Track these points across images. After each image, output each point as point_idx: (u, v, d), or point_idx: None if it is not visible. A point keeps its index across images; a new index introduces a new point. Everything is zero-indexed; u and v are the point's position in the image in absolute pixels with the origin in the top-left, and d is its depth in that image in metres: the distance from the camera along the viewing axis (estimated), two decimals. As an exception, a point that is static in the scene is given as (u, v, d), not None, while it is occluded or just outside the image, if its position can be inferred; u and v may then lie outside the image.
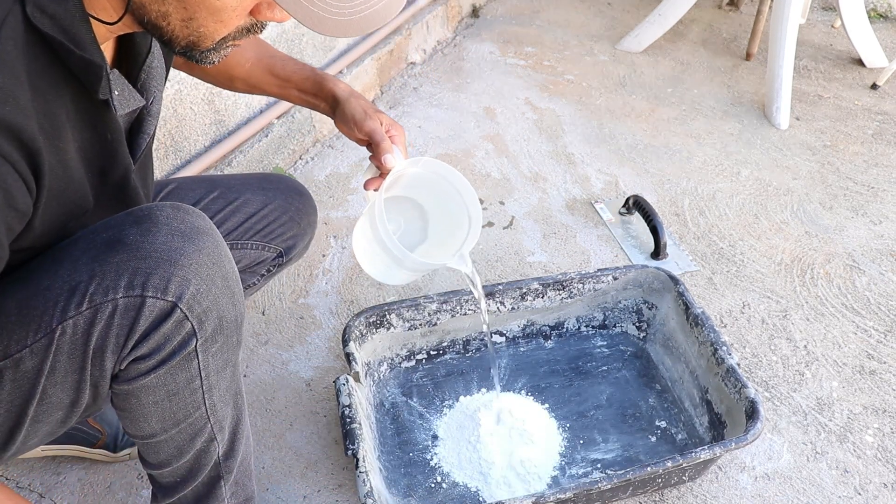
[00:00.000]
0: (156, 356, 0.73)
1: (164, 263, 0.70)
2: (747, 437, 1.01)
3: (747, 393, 1.07)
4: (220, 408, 0.83)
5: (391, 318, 1.23)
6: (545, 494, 0.95)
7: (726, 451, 1.02)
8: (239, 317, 0.79)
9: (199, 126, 1.60)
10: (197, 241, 0.73)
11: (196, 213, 0.77)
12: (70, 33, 0.63)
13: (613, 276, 1.30)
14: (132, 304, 0.70)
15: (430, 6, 2.46)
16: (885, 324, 1.41)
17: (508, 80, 2.30)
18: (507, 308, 1.29)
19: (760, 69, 2.33)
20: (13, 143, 0.60)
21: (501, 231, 1.67)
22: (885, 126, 2.05)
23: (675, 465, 1.00)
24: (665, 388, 1.26)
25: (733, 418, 1.10)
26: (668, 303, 1.28)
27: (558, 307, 1.32)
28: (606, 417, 1.21)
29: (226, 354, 0.80)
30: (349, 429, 1.03)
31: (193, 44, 0.68)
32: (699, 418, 1.18)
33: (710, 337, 1.17)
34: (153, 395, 0.75)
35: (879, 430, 1.21)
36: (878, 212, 1.72)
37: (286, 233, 1.14)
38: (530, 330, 1.33)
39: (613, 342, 1.34)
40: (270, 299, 1.47)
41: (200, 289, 0.72)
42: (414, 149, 1.96)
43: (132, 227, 0.73)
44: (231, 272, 0.77)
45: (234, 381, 0.85)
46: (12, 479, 1.12)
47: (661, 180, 1.83)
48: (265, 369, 1.32)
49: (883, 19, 2.71)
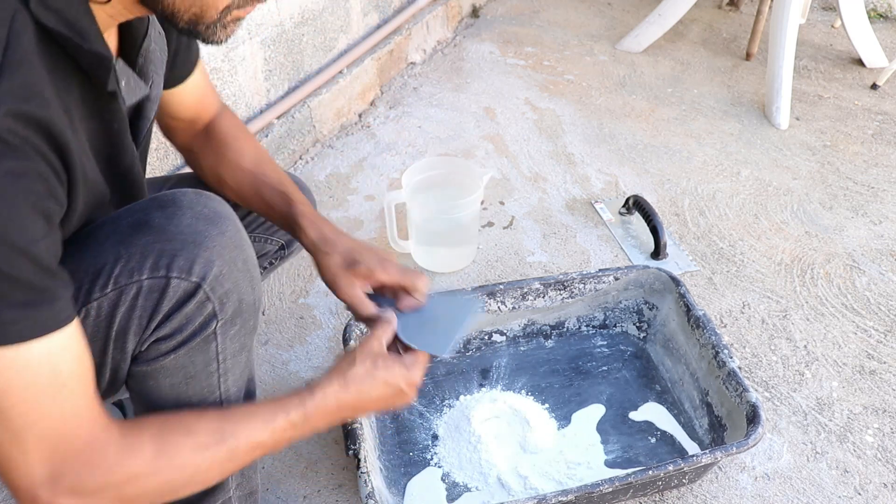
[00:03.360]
0: (177, 336, 0.73)
1: (189, 245, 0.71)
2: (748, 442, 1.01)
3: (749, 397, 1.07)
4: (234, 392, 0.84)
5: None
6: (547, 497, 0.95)
7: (727, 456, 1.02)
8: (257, 301, 0.80)
9: (199, 126, 1.60)
10: (220, 225, 0.74)
11: (217, 199, 0.78)
12: (76, 27, 0.62)
13: (615, 276, 1.30)
14: (157, 286, 0.70)
15: (430, 6, 2.46)
16: (885, 324, 1.41)
17: (508, 80, 2.30)
18: (508, 308, 1.29)
19: (760, 69, 2.33)
20: (45, 138, 0.59)
21: (501, 231, 1.67)
22: (885, 126, 2.05)
23: (676, 468, 1.00)
24: (665, 389, 1.26)
25: (734, 421, 1.10)
26: (669, 304, 1.28)
27: (559, 307, 1.32)
28: (606, 418, 1.21)
29: (242, 338, 0.80)
30: (350, 429, 1.02)
31: (197, 17, 0.66)
32: (699, 420, 1.18)
33: (711, 339, 1.17)
34: (171, 378, 0.76)
35: (879, 430, 1.21)
36: (878, 212, 1.72)
37: None
38: (531, 329, 1.33)
39: (614, 342, 1.34)
40: (270, 299, 1.47)
41: (223, 270, 0.73)
42: (414, 149, 1.96)
43: (157, 210, 0.73)
44: (250, 257, 0.78)
45: (248, 367, 0.86)
46: (12, 479, 1.12)
47: (661, 180, 1.83)
48: (265, 369, 1.32)
49: (883, 19, 2.71)
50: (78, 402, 0.65)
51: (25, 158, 0.57)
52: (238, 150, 1.01)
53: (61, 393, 0.63)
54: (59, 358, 0.62)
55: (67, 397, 0.64)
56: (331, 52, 2.02)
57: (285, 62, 1.83)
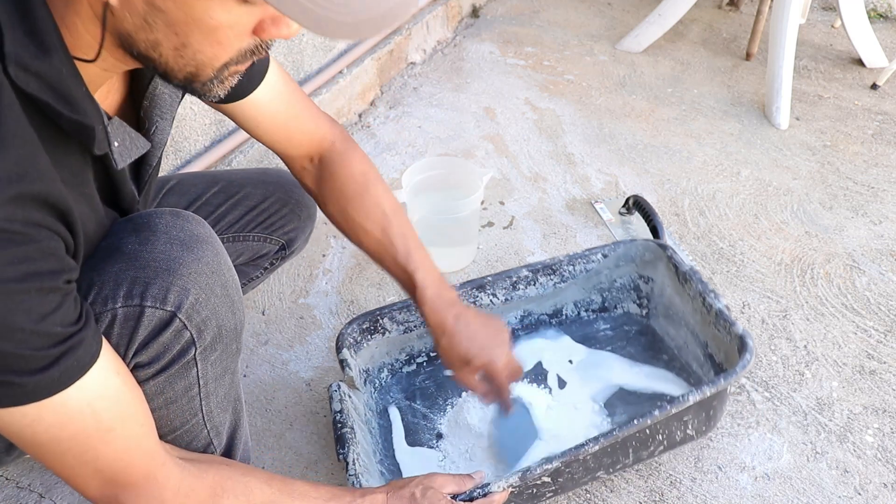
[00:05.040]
0: (155, 364, 0.72)
1: (163, 273, 0.70)
2: (737, 371, 0.99)
3: (735, 330, 1.06)
4: (218, 414, 0.84)
5: (384, 322, 1.21)
6: (531, 468, 0.93)
7: (716, 390, 1.00)
8: (238, 325, 0.79)
9: (199, 126, 1.60)
10: (196, 251, 0.73)
11: (195, 219, 0.76)
12: (59, 90, 0.58)
13: (603, 253, 1.28)
14: (132, 314, 0.69)
15: (430, 6, 2.46)
16: (885, 324, 1.41)
17: (508, 80, 2.30)
18: (501, 300, 1.27)
19: (760, 69, 2.33)
20: (46, 210, 0.58)
21: (501, 231, 1.67)
22: (885, 126, 2.05)
23: (663, 414, 0.96)
24: (672, 356, 1.25)
25: (731, 362, 1.08)
26: (662, 272, 1.27)
27: (553, 293, 1.30)
28: (613, 393, 1.20)
29: (225, 362, 0.80)
30: (340, 433, 1.02)
31: (192, 75, 0.62)
32: (706, 376, 1.17)
33: (698, 289, 1.16)
34: (151, 402, 0.75)
35: (879, 430, 1.21)
36: (878, 212, 1.72)
37: (286, 225, 1.16)
38: (529, 321, 1.32)
39: (616, 323, 1.33)
40: (270, 299, 1.47)
41: (199, 298, 0.72)
42: (414, 149, 1.96)
43: (130, 235, 0.72)
44: (230, 280, 0.77)
45: (233, 388, 0.85)
46: (12, 479, 1.12)
47: (661, 180, 1.83)
48: (265, 369, 1.32)
49: (883, 19, 2.71)
50: (129, 442, 0.66)
51: (27, 242, 0.56)
52: (364, 211, 0.99)
53: (109, 435, 0.64)
54: (97, 401, 0.63)
55: (116, 438, 0.65)
56: (331, 52, 2.02)
57: (285, 62, 1.82)
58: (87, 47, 0.60)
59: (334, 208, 1.01)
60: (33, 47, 0.56)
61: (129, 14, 0.56)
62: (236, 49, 0.61)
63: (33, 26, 0.56)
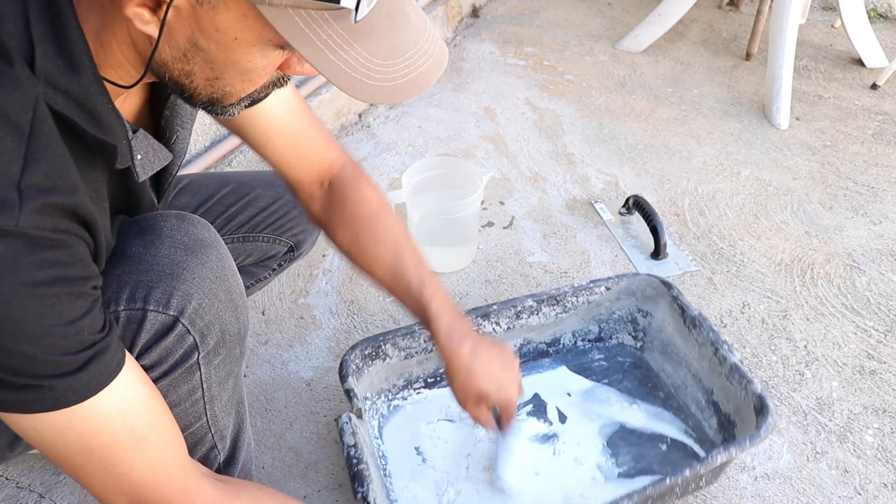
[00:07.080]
0: (158, 368, 0.72)
1: (167, 277, 0.70)
2: (760, 434, 1.00)
3: (754, 388, 1.06)
4: (222, 417, 0.83)
5: (386, 348, 1.17)
6: None
7: (742, 451, 1.01)
8: (242, 329, 0.79)
9: (199, 126, 1.60)
10: (200, 255, 0.73)
11: (201, 223, 0.76)
12: (86, 107, 0.59)
13: (606, 286, 1.28)
14: (134, 317, 0.69)
15: (430, 6, 2.46)
16: (885, 324, 1.41)
17: (508, 80, 2.30)
18: (503, 328, 1.26)
19: (760, 69, 2.33)
20: (74, 220, 0.59)
21: (501, 231, 1.67)
22: (885, 126, 2.05)
23: (693, 472, 0.98)
24: (669, 395, 1.24)
25: (742, 417, 1.08)
26: (664, 309, 1.27)
27: (553, 323, 1.29)
28: (614, 431, 1.19)
29: (228, 366, 0.80)
30: (356, 470, 0.96)
31: (216, 100, 0.64)
32: (707, 421, 1.17)
33: (709, 337, 1.16)
34: None
35: (879, 430, 1.21)
36: (878, 212, 1.72)
37: (296, 227, 1.16)
38: (527, 349, 1.30)
39: (611, 354, 1.32)
40: (270, 299, 1.47)
41: (203, 303, 0.72)
42: (414, 149, 1.96)
43: (135, 238, 0.72)
44: (234, 285, 0.77)
45: (237, 391, 0.85)
46: (12, 479, 1.12)
47: (661, 180, 1.83)
48: (265, 369, 1.32)
49: (883, 19, 2.71)
50: (162, 454, 0.66)
51: (56, 247, 0.56)
52: (376, 237, 0.96)
53: (143, 444, 0.64)
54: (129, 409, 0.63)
55: (150, 448, 0.65)
56: (331, 52, 2.01)
57: (285, 62, 1.82)
58: (118, 66, 0.62)
59: (345, 235, 0.97)
60: (62, 64, 0.57)
61: (170, 47, 0.58)
62: (262, 83, 0.64)
63: (65, 44, 0.57)
